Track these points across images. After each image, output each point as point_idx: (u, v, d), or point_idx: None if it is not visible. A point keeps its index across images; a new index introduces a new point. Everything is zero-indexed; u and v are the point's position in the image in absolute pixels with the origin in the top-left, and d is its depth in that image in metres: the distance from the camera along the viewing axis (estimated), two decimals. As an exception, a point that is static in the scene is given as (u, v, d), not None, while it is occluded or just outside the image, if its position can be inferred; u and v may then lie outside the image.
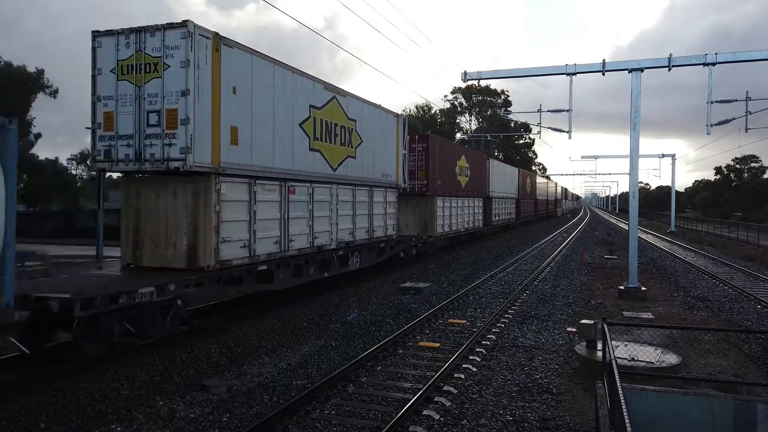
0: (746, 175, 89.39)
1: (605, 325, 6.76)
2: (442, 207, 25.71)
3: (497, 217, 38.60)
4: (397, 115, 19.86)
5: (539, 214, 64.30)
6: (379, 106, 18.25)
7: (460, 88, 76.19)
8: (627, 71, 16.46)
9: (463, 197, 29.25)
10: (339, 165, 15.39)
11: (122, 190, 11.33)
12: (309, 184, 13.79)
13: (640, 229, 44.30)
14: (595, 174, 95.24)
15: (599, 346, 9.12)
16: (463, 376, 9.12)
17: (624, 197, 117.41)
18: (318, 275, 14.53)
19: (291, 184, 12.95)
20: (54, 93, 41.26)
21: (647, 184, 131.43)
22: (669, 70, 16.12)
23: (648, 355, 9.37)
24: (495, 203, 37.52)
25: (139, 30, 10.18)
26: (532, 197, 55.97)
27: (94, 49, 10.48)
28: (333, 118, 15.03)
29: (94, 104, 10.51)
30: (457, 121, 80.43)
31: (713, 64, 15.69)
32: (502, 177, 40.22)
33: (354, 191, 16.30)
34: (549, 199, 75.15)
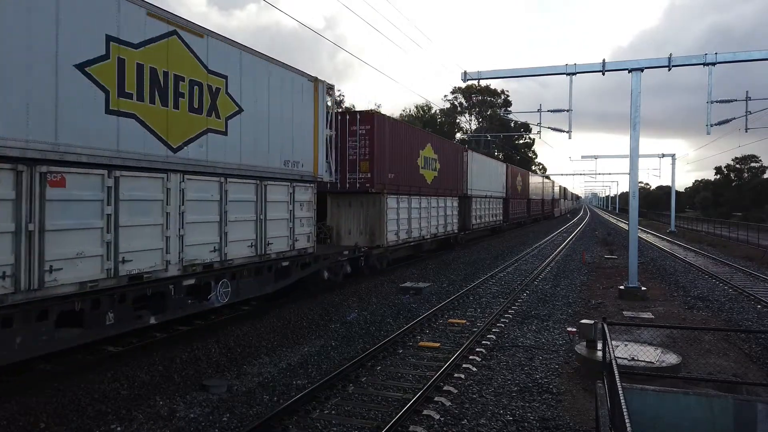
0: (746, 174, 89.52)
1: (605, 325, 6.77)
2: (396, 208, 20.10)
3: (478, 220, 33.40)
4: (314, 80, 13.86)
5: (533, 215, 59.72)
6: (277, 62, 12.48)
7: (460, 88, 76.33)
8: (627, 71, 16.46)
9: (428, 195, 24.00)
10: (187, 143, 9.77)
11: None
12: (105, 171, 8.18)
13: (640, 229, 44.34)
14: (595, 174, 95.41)
15: (599, 346, 9.12)
16: (463, 376, 9.12)
17: (624, 197, 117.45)
18: (132, 323, 8.96)
19: (51, 170, 7.41)
20: None
21: (647, 184, 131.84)
22: (669, 70, 16.12)
23: (648, 354, 9.37)
24: (475, 203, 32.27)
25: None
26: (524, 196, 51.83)
27: None
28: (172, 66, 9.41)
29: None
30: (457, 120, 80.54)
31: (713, 64, 15.69)
32: (486, 172, 35.33)
33: (222, 185, 10.67)
34: (545, 198, 70.79)
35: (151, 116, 9.08)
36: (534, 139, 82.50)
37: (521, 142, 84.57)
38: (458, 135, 75.56)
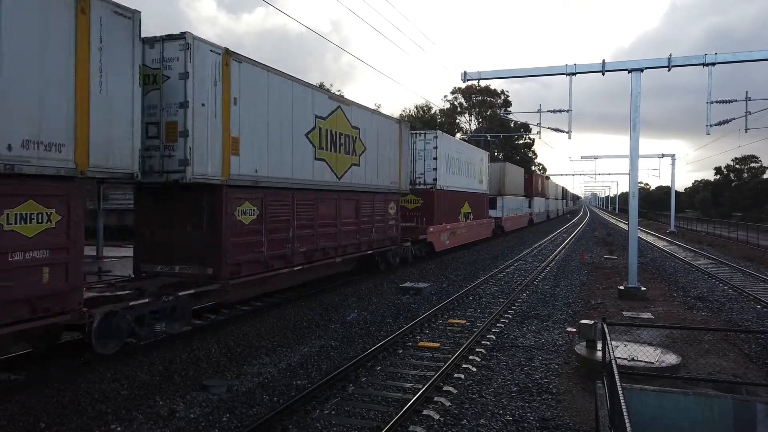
0: (746, 175, 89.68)
1: (605, 325, 6.76)
2: None
3: None
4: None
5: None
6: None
7: (460, 89, 76.34)
8: (627, 71, 16.46)
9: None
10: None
11: None
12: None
13: (640, 230, 44.33)
14: (595, 174, 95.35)
15: (599, 346, 9.12)
16: (463, 376, 9.12)
17: (624, 197, 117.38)
18: None
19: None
20: None
21: (647, 184, 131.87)
22: (669, 70, 16.11)
23: (648, 355, 9.37)
24: None
25: None
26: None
27: None
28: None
29: None
30: (457, 121, 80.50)
31: (713, 64, 15.68)
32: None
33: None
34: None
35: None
36: (534, 139, 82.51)
37: (521, 142, 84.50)
38: (458, 135, 75.54)
